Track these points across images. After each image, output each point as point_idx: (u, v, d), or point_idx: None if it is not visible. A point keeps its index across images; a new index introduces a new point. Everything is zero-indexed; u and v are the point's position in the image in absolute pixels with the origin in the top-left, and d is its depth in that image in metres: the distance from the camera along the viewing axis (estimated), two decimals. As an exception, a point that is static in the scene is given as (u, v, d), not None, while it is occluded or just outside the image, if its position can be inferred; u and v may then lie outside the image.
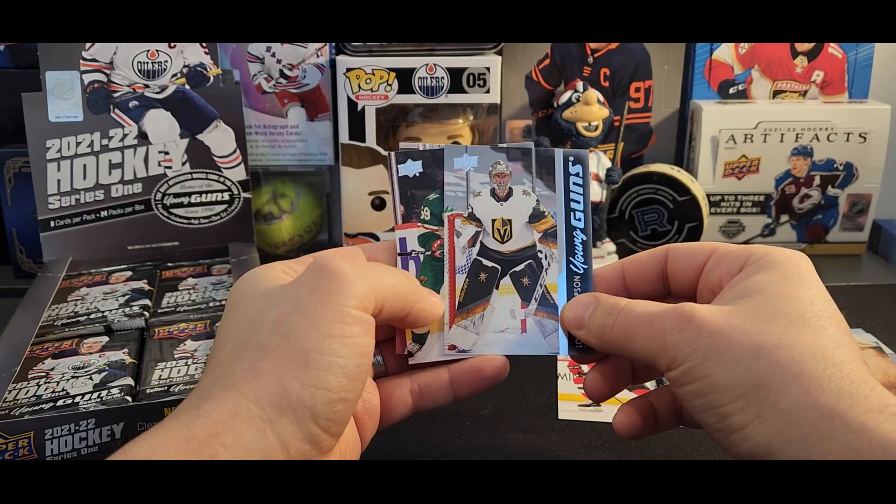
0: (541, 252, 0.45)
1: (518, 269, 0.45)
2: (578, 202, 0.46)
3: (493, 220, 0.45)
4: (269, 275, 0.40)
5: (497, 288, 0.44)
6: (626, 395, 0.49)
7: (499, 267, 0.45)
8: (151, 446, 0.33)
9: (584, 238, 0.45)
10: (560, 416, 0.53)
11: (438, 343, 0.44)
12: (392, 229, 0.49)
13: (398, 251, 0.45)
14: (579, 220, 0.46)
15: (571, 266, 0.45)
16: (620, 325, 0.40)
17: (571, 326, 0.43)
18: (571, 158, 0.46)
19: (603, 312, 0.41)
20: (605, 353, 0.42)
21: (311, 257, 0.41)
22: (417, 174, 0.46)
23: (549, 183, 0.46)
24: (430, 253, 0.45)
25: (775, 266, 0.39)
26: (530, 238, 0.45)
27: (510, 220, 0.45)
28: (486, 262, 0.45)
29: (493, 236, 0.45)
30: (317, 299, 0.37)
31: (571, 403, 0.55)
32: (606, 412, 0.53)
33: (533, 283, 0.44)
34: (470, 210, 0.45)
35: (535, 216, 0.45)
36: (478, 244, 0.45)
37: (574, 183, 0.46)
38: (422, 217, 0.45)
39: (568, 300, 0.44)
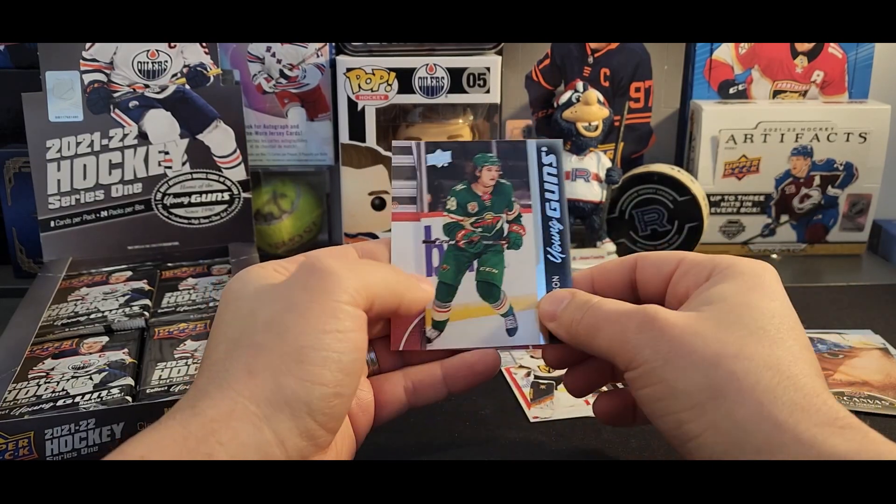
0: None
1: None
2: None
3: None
4: (261, 274, 0.41)
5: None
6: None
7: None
8: (148, 445, 0.33)
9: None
10: (561, 416, 0.53)
11: (457, 330, 0.44)
12: (389, 230, 0.50)
13: (423, 239, 0.45)
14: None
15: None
16: (587, 321, 0.41)
17: (545, 319, 0.44)
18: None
19: (574, 307, 0.42)
20: (573, 346, 0.43)
21: (303, 256, 0.42)
22: (446, 164, 0.46)
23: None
24: (454, 242, 0.45)
25: (739, 276, 0.40)
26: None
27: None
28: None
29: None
30: (309, 297, 0.37)
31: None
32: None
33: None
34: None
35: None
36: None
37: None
38: (447, 207, 0.46)
39: (547, 291, 0.44)
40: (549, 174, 0.47)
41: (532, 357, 0.60)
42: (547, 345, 0.44)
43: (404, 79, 0.74)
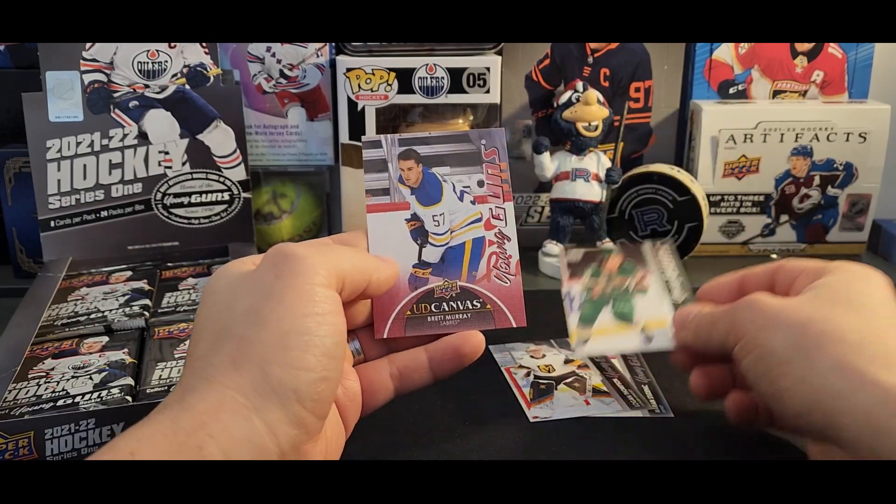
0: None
1: None
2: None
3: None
4: (237, 267, 0.41)
5: None
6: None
7: None
8: (138, 439, 0.34)
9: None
10: (561, 416, 0.53)
11: (600, 343, 0.51)
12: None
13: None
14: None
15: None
16: (708, 318, 0.46)
17: (677, 327, 0.49)
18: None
19: (699, 314, 0.48)
20: (700, 348, 0.47)
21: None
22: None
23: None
24: (589, 296, 0.53)
25: (846, 271, 0.44)
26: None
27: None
28: None
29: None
30: (283, 283, 0.38)
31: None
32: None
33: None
34: None
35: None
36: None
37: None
38: (584, 277, 0.54)
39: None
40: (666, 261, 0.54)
41: (532, 357, 0.60)
42: (676, 347, 0.49)
43: (404, 79, 0.74)
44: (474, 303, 0.45)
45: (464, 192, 0.47)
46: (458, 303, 0.45)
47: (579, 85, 0.78)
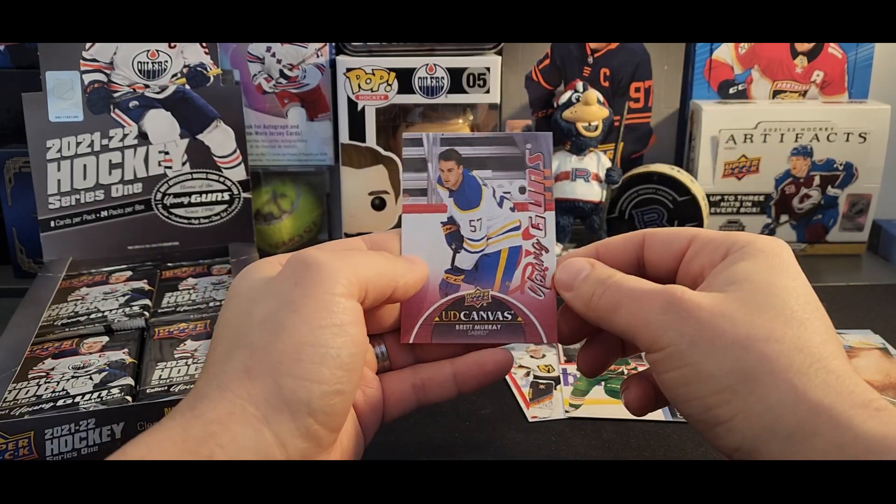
0: None
1: None
2: None
3: None
4: (260, 269, 0.40)
5: None
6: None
7: None
8: (148, 446, 0.33)
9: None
10: (559, 416, 0.53)
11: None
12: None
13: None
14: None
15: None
16: (609, 297, 0.40)
17: (560, 288, 0.42)
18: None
19: (594, 280, 0.41)
20: (589, 321, 0.42)
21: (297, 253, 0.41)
22: None
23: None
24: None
25: (760, 254, 0.39)
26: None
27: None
28: None
29: None
30: (302, 292, 0.37)
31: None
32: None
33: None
34: None
35: None
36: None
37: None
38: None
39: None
40: None
41: (532, 357, 0.60)
42: (561, 314, 0.44)
43: (404, 79, 0.74)
44: (505, 314, 0.44)
45: (504, 198, 0.45)
46: (489, 313, 0.44)
47: (579, 85, 0.78)
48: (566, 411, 0.53)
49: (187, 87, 0.73)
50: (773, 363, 0.35)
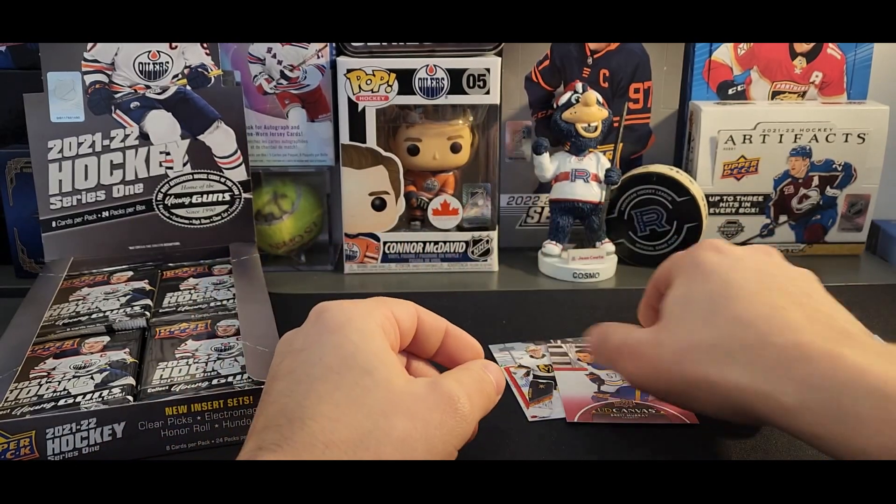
0: None
1: None
2: None
3: None
4: (378, 345, 0.41)
5: None
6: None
7: None
8: None
9: None
10: (559, 416, 0.54)
11: None
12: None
13: None
14: None
15: None
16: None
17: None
18: None
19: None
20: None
21: (431, 378, 0.42)
22: None
23: None
24: None
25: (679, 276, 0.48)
26: None
27: None
28: None
29: None
30: (444, 431, 0.39)
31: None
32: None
33: None
34: None
35: None
36: None
37: None
38: None
39: None
40: None
41: (532, 357, 0.60)
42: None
43: (404, 80, 0.75)
44: (650, 410, 0.52)
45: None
46: (636, 410, 0.53)
47: (579, 86, 0.78)
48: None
49: (188, 87, 0.74)
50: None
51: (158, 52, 0.73)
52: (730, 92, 0.84)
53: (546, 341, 0.63)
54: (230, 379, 0.51)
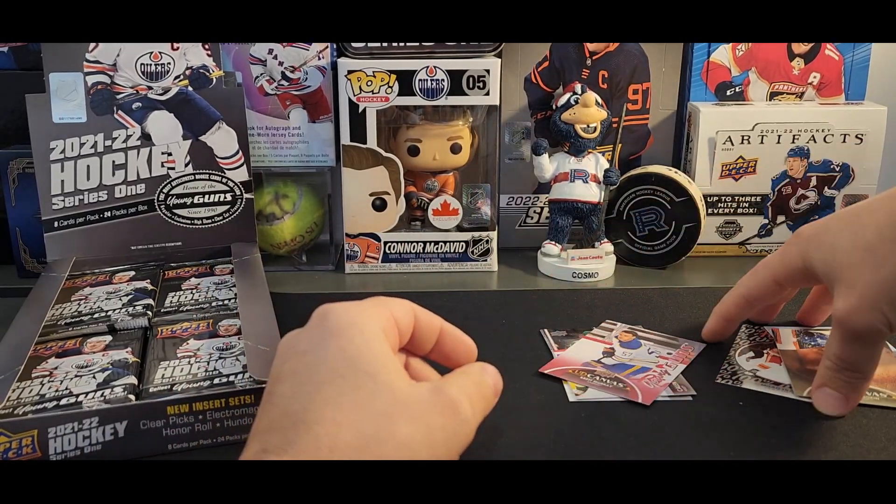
0: None
1: None
2: None
3: None
4: (381, 348, 0.41)
5: None
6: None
7: None
8: None
9: None
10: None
11: None
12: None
13: None
14: None
15: None
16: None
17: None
18: None
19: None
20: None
21: (433, 382, 0.43)
22: None
23: None
24: None
25: None
26: None
27: None
28: None
29: None
30: (446, 435, 0.39)
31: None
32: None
33: None
34: None
35: None
36: None
37: None
38: None
39: None
40: None
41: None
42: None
43: (405, 81, 0.75)
44: (619, 384, 0.56)
45: (653, 352, 0.61)
46: (608, 380, 0.57)
47: (578, 87, 0.78)
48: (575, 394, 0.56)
49: (190, 88, 0.74)
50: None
51: (160, 53, 0.74)
52: (728, 93, 0.85)
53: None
54: (232, 378, 0.51)
